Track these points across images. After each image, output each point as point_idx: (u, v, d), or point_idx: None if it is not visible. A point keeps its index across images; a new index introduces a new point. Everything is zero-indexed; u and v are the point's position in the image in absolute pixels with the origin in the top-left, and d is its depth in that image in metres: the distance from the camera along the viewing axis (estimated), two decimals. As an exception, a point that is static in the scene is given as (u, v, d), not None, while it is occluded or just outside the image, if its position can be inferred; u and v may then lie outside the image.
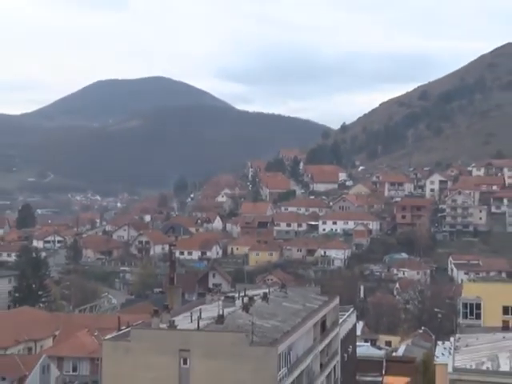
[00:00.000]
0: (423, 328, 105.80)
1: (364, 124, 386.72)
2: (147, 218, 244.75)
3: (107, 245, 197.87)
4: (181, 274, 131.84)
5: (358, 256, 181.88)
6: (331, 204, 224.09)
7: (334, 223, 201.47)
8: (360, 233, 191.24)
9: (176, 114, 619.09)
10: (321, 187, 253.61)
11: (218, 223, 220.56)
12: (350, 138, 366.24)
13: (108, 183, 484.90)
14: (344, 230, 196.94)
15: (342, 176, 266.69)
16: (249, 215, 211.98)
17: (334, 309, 62.82)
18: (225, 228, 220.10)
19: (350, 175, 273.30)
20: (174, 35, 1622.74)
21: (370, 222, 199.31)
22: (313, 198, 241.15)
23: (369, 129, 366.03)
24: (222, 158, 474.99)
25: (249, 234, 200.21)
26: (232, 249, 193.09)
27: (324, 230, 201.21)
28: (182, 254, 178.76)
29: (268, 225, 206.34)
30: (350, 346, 69.20)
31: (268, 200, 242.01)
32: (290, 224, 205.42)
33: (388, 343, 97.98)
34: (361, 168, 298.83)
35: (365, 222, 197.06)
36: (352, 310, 75.35)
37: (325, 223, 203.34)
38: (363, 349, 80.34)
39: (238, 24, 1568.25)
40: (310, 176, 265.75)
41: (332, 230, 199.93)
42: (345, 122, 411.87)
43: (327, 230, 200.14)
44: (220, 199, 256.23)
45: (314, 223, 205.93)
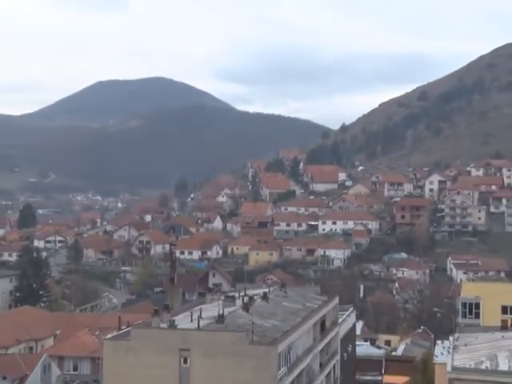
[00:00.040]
0: (422, 327, 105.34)
1: (363, 124, 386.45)
2: (148, 218, 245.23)
3: (108, 245, 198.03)
4: (181, 273, 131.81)
5: (358, 256, 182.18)
6: (331, 204, 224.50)
7: (334, 223, 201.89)
8: (359, 233, 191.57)
9: (176, 115, 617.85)
10: (320, 187, 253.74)
11: (218, 223, 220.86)
12: (350, 138, 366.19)
13: (109, 183, 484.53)
14: (343, 229, 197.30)
15: (342, 176, 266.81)
16: (249, 215, 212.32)
17: (334, 308, 62.56)
18: (225, 228, 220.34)
19: (349, 175, 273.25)
20: (173, 36, 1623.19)
21: (370, 221, 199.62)
22: (312, 198, 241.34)
23: (368, 129, 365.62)
24: (223, 158, 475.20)
25: (249, 234, 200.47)
26: (232, 249, 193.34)
27: (324, 229, 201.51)
28: (182, 253, 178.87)
29: (268, 225, 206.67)
30: (350, 346, 69.00)
31: (268, 200, 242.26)
32: (290, 224, 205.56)
33: (387, 342, 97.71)
34: (360, 168, 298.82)
35: (364, 221, 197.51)
36: (351, 309, 75.05)
37: (324, 223, 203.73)
38: (363, 348, 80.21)
39: (237, 25, 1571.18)
40: (310, 176, 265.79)
41: (332, 229, 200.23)
42: (344, 123, 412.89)
43: (327, 230, 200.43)
44: (220, 199, 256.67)
45: (313, 223, 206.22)
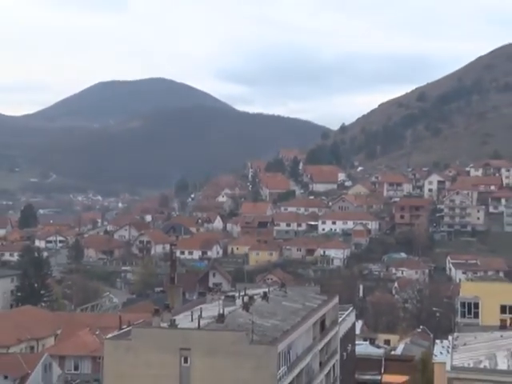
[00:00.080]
0: (422, 327, 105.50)
1: (363, 125, 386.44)
2: (148, 218, 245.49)
3: (108, 244, 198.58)
4: (181, 273, 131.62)
5: (357, 255, 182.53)
6: (330, 204, 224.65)
7: (334, 223, 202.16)
8: (359, 232, 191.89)
9: (176, 115, 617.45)
10: (320, 187, 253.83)
11: (218, 223, 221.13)
12: (349, 138, 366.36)
13: (109, 183, 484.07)
14: (343, 229, 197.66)
15: (341, 176, 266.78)
16: (249, 215, 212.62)
17: (334, 308, 62.66)
18: (225, 228, 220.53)
19: (349, 175, 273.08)
20: (173, 36, 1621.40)
21: (369, 221, 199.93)
22: (312, 198, 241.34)
23: (368, 129, 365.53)
24: (223, 158, 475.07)
25: (249, 234, 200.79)
26: (232, 248, 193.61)
27: (323, 229, 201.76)
28: (182, 253, 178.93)
29: (268, 225, 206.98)
30: (349, 345, 69.17)
31: (268, 200, 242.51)
32: (290, 224, 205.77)
33: (387, 342, 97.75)
34: (360, 168, 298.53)
35: (364, 221, 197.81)
36: (351, 309, 75.20)
37: (324, 223, 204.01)
38: (362, 347, 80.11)
39: (238, 25, 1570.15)
40: (310, 176, 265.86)
41: (331, 229, 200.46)
42: (344, 123, 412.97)
43: (326, 230, 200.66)
44: (220, 199, 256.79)
45: (313, 223, 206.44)
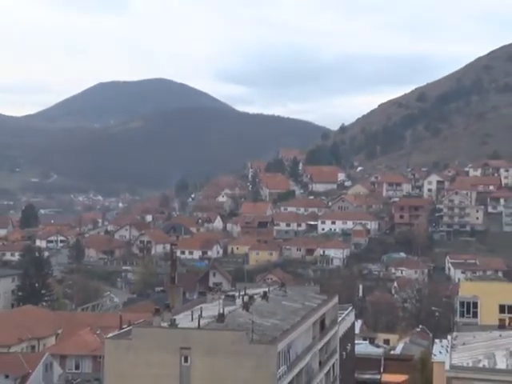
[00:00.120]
0: (421, 326, 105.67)
1: (363, 125, 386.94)
2: (149, 218, 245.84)
3: (109, 244, 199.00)
4: (182, 273, 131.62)
5: (357, 255, 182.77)
6: (330, 204, 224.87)
7: (333, 223, 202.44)
8: (358, 232, 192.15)
9: (177, 116, 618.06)
10: (320, 187, 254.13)
11: (218, 223, 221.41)
12: (349, 138, 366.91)
13: (110, 184, 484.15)
14: (343, 229, 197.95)
15: (341, 176, 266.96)
16: (249, 215, 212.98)
17: (333, 307, 62.73)
18: (225, 228, 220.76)
19: (348, 175, 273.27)
20: (173, 37, 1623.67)
21: (369, 221, 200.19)
22: (312, 198, 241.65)
23: (367, 130, 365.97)
24: (223, 158, 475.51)
25: (249, 234, 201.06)
26: (232, 248, 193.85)
27: (323, 229, 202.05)
28: (183, 253, 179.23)
29: (268, 225, 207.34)
30: (349, 344, 69.31)
31: (268, 200, 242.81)
32: (290, 224, 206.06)
33: (386, 341, 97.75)
34: (359, 168, 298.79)
35: (363, 221, 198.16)
36: (351, 308, 75.34)
37: (324, 223, 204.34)
38: (362, 347, 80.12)
39: (237, 26, 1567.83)
40: (310, 176, 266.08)
41: (331, 229, 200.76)
42: (344, 123, 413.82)
43: (326, 230, 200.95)
44: (220, 199, 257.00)
45: (313, 223, 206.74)
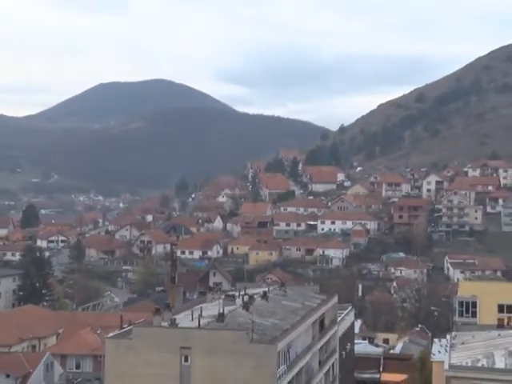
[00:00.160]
0: (420, 326, 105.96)
1: (362, 125, 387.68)
2: (149, 218, 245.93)
3: (110, 244, 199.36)
4: (182, 273, 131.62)
5: (356, 255, 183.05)
6: (330, 204, 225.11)
7: (333, 223, 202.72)
8: (358, 232, 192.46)
9: (177, 116, 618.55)
10: (319, 187, 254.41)
11: (218, 223, 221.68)
12: (349, 139, 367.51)
13: (110, 184, 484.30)
14: (342, 229, 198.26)
15: (341, 177, 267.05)
16: (249, 215, 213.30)
17: (333, 307, 62.87)
18: (225, 228, 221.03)
19: (348, 176, 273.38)
20: (173, 37, 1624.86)
21: (368, 221, 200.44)
22: (311, 198, 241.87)
23: (367, 130, 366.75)
24: (223, 158, 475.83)
25: (249, 234, 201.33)
26: (232, 248, 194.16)
27: (323, 229, 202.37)
28: (183, 253, 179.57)
29: (268, 225, 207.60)
30: (348, 344, 69.49)
31: (268, 200, 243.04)
32: (290, 224, 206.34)
33: (385, 341, 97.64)
34: (359, 169, 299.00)
35: (363, 221, 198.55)
36: (350, 308, 75.53)
37: (323, 223, 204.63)
38: (361, 346, 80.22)
39: (237, 26, 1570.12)
40: (309, 176, 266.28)
41: (330, 229, 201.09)
42: (343, 124, 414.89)
43: (326, 230, 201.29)
44: (220, 199, 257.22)
45: (312, 223, 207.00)
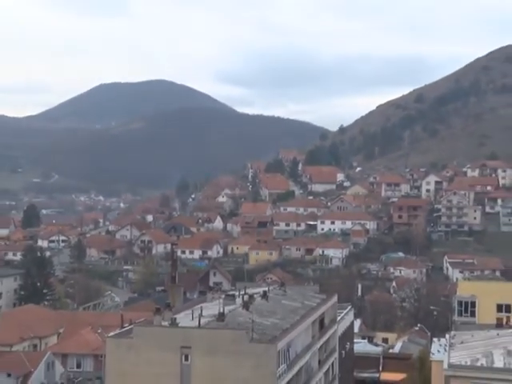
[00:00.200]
0: (419, 325, 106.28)
1: (361, 126, 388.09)
2: (149, 218, 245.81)
3: (110, 244, 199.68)
4: (182, 272, 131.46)
5: (356, 255, 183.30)
6: (329, 204, 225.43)
7: (332, 223, 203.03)
8: (357, 232, 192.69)
9: (177, 116, 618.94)
10: (319, 188, 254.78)
11: (218, 223, 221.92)
12: (348, 139, 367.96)
13: (111, 184, 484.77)
14: (342, 229, 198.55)
15: (340, 177, 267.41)
16: (249, 215, 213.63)
17: (332, 307, 63.25)
18: (225, 228, 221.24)
19: (347, 176, 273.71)
20: (174, 38, 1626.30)
21: (368, 221, 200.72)
22: (311, 198, 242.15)
23: (366, 131, 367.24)
24: (223, 159, 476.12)
25: (249, 234, 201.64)
26: (232, 248, 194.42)
27: (322, 229, 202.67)
28: (183, 253, 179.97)
29: (267, 224, 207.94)
30: (348, 343, 69.85)
31: (267, 200, 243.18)
32: (289, 224, 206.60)
33: (385, 340, 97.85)
34: (358, 169, 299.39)
35: (362, 221, 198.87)
36: (350, 307, 75.88)
37: (323, 223, 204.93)
38: (360, 346, 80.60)
39: (237, 27, 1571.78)
40: (309, 177, 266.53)
41: (330, 229, 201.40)
42: (343, 124, 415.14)
43: (325, 230, 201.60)
44: (220, 199, 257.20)
45: (312, 223, 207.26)
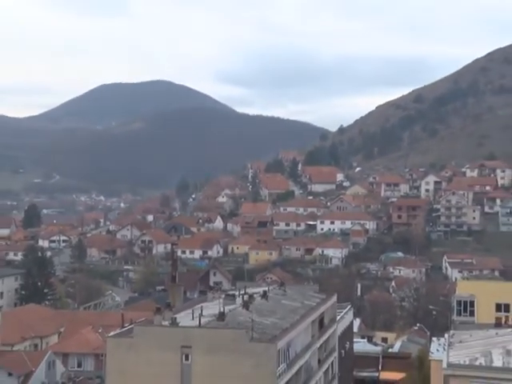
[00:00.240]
0: (418, 325, 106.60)
1: (361, 126, 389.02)
2: (150, 218, 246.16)
3: (111, 244, 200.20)
4: (182, 272, 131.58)
5: (355, 255, 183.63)
6: (329, 204, 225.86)
7: (332, 223, 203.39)
8: (357, 232, 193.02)
9: (177, 117, 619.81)
10: (319, 188, 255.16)
11: (218, 223, 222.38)
12: (348, 139, 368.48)
13: (111, 184, 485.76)
14: (341, 229, 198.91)
15: (340, 177, 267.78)
16: (249, 215, 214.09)
17: (332, 306, 63.45)
18: (225, 228, 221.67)
19: (347, 176, 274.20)
20: (174, 39, 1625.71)
21: (367, 221, 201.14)
22: (311, 198, 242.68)
23: (365, 131, 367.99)
24: (223, 159, 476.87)
25: (249, 234, 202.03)
26: (232, 248, 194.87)
27: (322, 229, 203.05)
28: (183, 252, 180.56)
29: (267, 224, 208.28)
30: (348, 343, 70.02)
31: (267, 200, 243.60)
32: (289, 224, 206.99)
33: (384, 340, 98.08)
34: (358, 169, 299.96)
35: (361, 221, 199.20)
36: (349, 307, 75.96)
37: (323, 223, 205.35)
38: (360, 345, 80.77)
39: (237, 27, 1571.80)
40: (309, 177, 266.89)
41: (330, 229, 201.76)
42: (342, 125, 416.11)
43: (325, 230, 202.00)
44: (221, 199, 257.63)
45: (312, 223, 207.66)
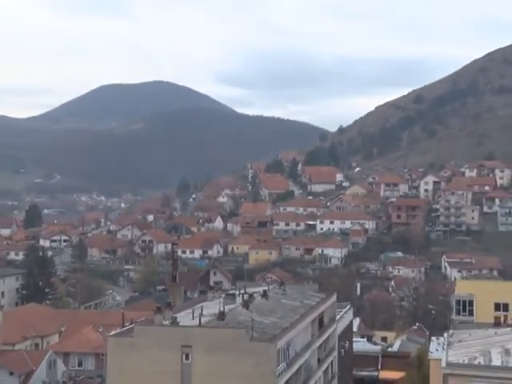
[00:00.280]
0: (418, 324, 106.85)
1: (360, 127, 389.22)
2: (150, 218, 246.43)
3: (112, 244, 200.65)
4: (183, 272, 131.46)
5: (355, 254, 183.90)
6: (328, 204, 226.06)
7: (332, 223, 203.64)
8: (356, 232, 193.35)
9: (177, 117, 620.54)
10: (318, 188, 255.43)
11: (218, 223, 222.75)
12: (347, 140, 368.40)
13: (112, 184, 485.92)
14: (341, 229, 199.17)
15: (339, 177, 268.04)
16: (249, 215, 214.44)
17: (332, 306, 63.82)
18: (225, 227, 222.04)
19: (346, 176, 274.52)
20: (174, 39, 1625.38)
21: (366, 221, 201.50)
22: (311, 198, 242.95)
23: (365, 131, 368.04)
24: (223, 159, 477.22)
25: (249, 234, 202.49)
26: (232, 248, 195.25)
27: (321, 229, 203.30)
28: (184, 252, 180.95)
29: (267, 224, 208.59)
30: (347, 342, 70.21)
31: (267, 200, 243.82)
32: (289, 223, 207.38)
33: (384, 339, 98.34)
34: (357, 169, 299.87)
35: (361, 221, 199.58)
36: (349, 306, 76.33)
37: (322, 223, 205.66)
38: (360, 344, 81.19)
39: (237, 28, 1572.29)
40: (308, 177, 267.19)
41: (329, 229, 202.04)
42: (342, 125, 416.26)
43: (325, 230, 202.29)
44: (221, 199, 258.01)
45: (311, 223, 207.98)
